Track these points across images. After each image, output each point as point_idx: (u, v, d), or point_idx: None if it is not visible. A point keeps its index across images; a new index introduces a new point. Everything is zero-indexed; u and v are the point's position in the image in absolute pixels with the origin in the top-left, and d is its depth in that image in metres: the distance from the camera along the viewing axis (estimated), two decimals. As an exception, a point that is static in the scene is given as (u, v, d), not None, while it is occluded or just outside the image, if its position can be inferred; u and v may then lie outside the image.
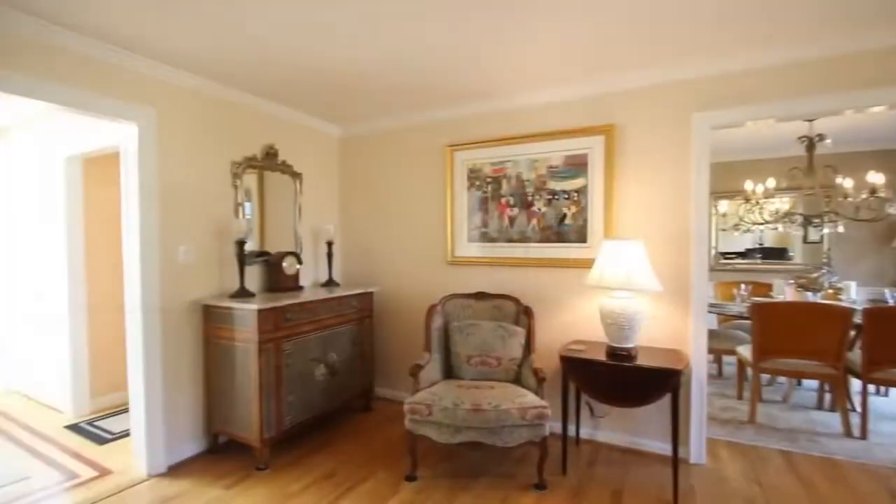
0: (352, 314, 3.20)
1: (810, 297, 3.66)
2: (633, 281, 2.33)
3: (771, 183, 3.71)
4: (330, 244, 3.48)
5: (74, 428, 3.15)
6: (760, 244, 5.44)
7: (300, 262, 3.25)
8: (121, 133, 2.54)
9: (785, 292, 3.89)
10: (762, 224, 3.99)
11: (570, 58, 2.45)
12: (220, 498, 2.28)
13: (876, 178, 3.29)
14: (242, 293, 2.74)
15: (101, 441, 2.93)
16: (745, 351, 3.43)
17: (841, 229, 4.03)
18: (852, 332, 3.04)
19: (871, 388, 3.44)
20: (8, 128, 3.86)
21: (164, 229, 2.57)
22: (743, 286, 4.14)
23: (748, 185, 3.93)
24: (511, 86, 2.88)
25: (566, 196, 2.95)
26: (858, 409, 3.12)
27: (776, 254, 5.37)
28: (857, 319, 3.00)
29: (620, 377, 2.34)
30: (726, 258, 5.58)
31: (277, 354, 2.60)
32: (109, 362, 3.54)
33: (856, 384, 3.26)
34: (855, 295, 3.92)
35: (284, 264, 3.10)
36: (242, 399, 2.57)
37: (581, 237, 2.91)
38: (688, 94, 2.60)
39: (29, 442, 2.93)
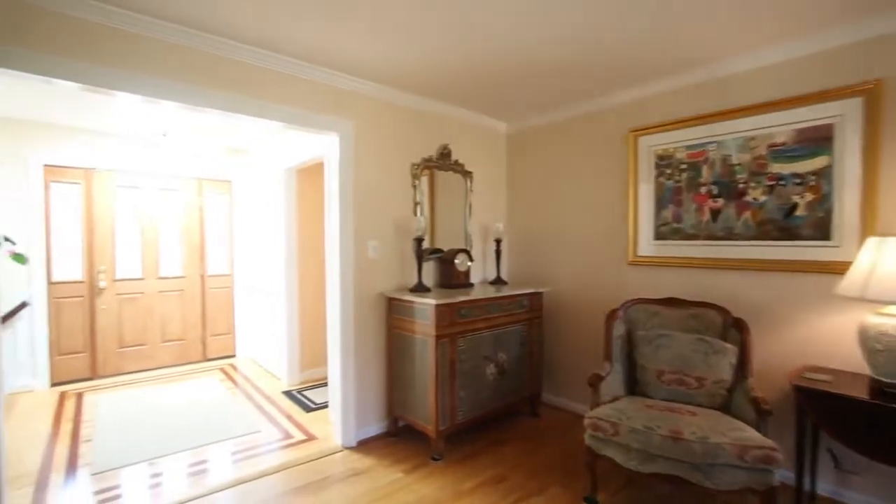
0: (521, 314, 3.09)
1: None
2: (927, 293, 1.66)
3: None
4: (499, 242, 3.44)
5: (288, 394, 3.77)
6: None
7: (471, 260, 3.29)
8: (323, 145, 2.91)
9: None
10: None
11: (816, -1, 1.88)
12: (401, 481, 2.41)
13: None
14: (420, 288, 2.87)
15: (307, 409, 3.44)
16: None
17: None
18: None
19: None
20: (247, 148, 4.87)
21: (358, 227, 2.85)
22: None
23: None
24: (716, 50, 2.38)
25: (798, 181, 2.31)
26: None
27: None
28: None
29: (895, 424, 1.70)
30: None
31: (452, 349, 2.65)
32: (313, 342, 4.16)
33: None
34: None
35: (457, 261, 3.16)
36: (420, 388, 2.69)
37: (821, 233, 2.24)
38: None
39: (259, 402, 3.62)
